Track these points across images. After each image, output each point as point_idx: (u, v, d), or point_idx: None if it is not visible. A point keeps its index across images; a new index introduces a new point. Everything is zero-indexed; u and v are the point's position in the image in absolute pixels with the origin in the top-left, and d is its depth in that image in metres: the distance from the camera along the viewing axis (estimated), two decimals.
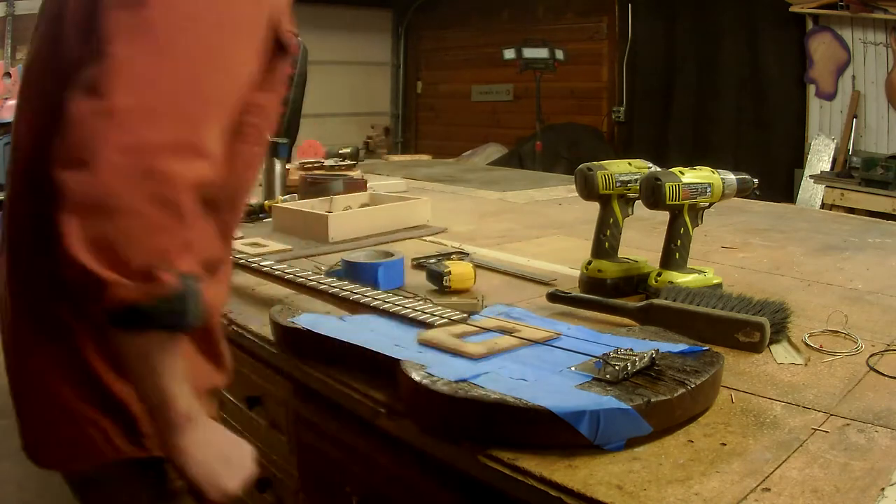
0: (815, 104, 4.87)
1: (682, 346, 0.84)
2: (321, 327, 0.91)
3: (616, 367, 0.75)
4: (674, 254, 1.15)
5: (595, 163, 1.19)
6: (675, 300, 1.02)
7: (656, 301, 1.02)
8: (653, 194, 1.11)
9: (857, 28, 4.53)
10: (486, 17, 6.91)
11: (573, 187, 1.25)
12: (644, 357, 0.78)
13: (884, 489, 0.63)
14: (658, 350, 0.80)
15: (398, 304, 0.97)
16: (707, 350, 0.83)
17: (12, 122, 0.84)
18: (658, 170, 1.15)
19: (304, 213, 1.70)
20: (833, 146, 4.72)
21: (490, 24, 6.88)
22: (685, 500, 0.61)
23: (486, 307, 1.01)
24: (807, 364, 0.91)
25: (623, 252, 1.23)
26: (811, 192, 4.60)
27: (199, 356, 0.83)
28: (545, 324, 0.93)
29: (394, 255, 1.26)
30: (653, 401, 0.71)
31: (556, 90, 6.02)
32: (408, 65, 7.85)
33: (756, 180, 1.19)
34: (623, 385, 0.73)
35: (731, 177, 1.16)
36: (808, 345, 0.97)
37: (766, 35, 5.06)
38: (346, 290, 1.03)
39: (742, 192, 1.18)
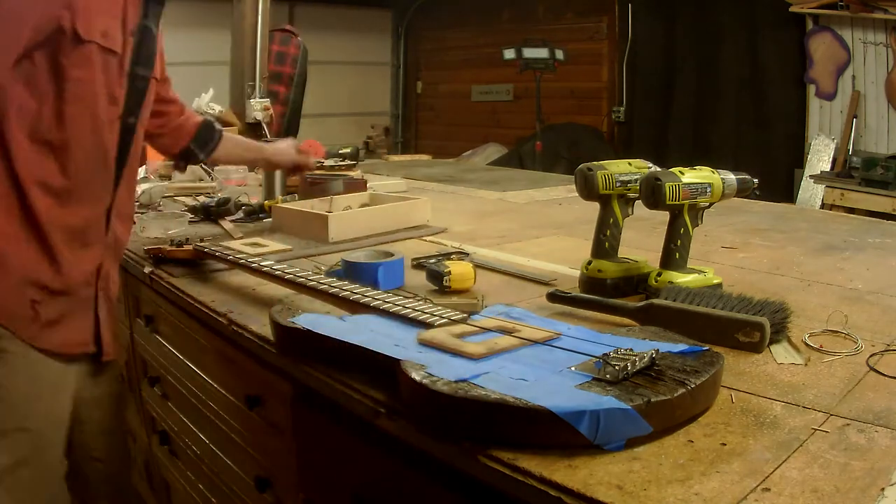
0: (815, 104, 4.88)
1: (682, 346, 0.84)
2: (321, 327, 0.91)
3: (616, 367, 0.75)
4: (674, 254, 1.15)
5: (595, 163, 1.19)
6: (675, 300, 1.02)
7: (656, 301, 1.02)
8: (653, 194, 1.11)
9: (857, 28, 4.54)
10: (486, 17, 6.91)
11: (573, 187, 1.25)
12: (644, 357, 0.78)
13: (884, 489, 0.63)
14: (658, 350, 0.80)
15: (398, 304, 0.97)
16: (707, 350, 0.83)
17: None
18: (658, 170, 1.15)
19: (304, 213, 1.70)
20: (833, 146, 4.72)
21: (490, 24, 6.89)
22: (685, 500, 0.61)
23: (486, 307, 1.01)
24: (807, 364, 0.91)
25: (623, 252, 1.23)
26: (811, 192, 4.60)
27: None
28: (545, 324, 0.93)
29: (394, 255, 1.26)
30: (653, 401, 0.70)
31: (556, 90, 6.03)
32: (408, 65, 7.85)
33: (756, 180, 1.18)
34: (623, 385, 0.73)
35: (731, 177, 1.16)
36: (808, 345, 0.97)
37: (766, 35, 5.06)
38: (346, 290, 1.03)
39: (742, 192, 1.18)
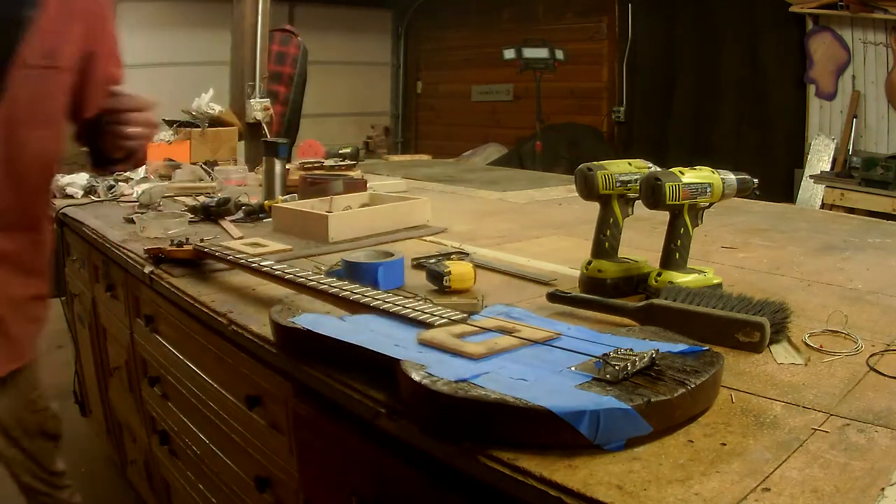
0: (815, 104, 4.88)
1: (682, 346, 0.84)
2: (321, 327, 0.91)
3: (616, 367, 0.75)
4: (674, 254, 1.15)
5: (595, 163, 1.19)
6: (675, 300, 1.02)
7: (656, 301, 1.02)
8: (653, 194, 1.11)
9: (857, 28, 4.54)
10: (486, 17, 6.91)
11: (573, 187, 1.25)
12: (644, 357, 0.78)
13: (884, 489, 0.63)
14: (658, 350, 0.80)
15: (398, 304, 0.97)
16: (707, 350, 0.83)
17: None
18: (658, 170, 1.15)
19: (304, 213, 1.70)
20: (833, 146, 4.72)
21: (490, 24, 6.89)
22: (685, 500, 0.61)
23: (486, 307, 1.01)
24: (807, 364, 0.91)
25: (623, 252, 1.23)
26: (811, 192, 4.60)
27: None
28: (545, 324, 0.93)
29: (394, 255, 1.26)
30: (653, 401, 0.70)
31: (556, 90, 6.03)
32: (408, 65, 7.85)
33: (756, 180, 1.18)
34: (623, 385, 0.73)
35: (731, 177, 1.16)
36: (808, 345, 0.97)
37: (766, 35, 5.06)
38: (346, 290, 1.03)
39: (742, 192, 1.18)
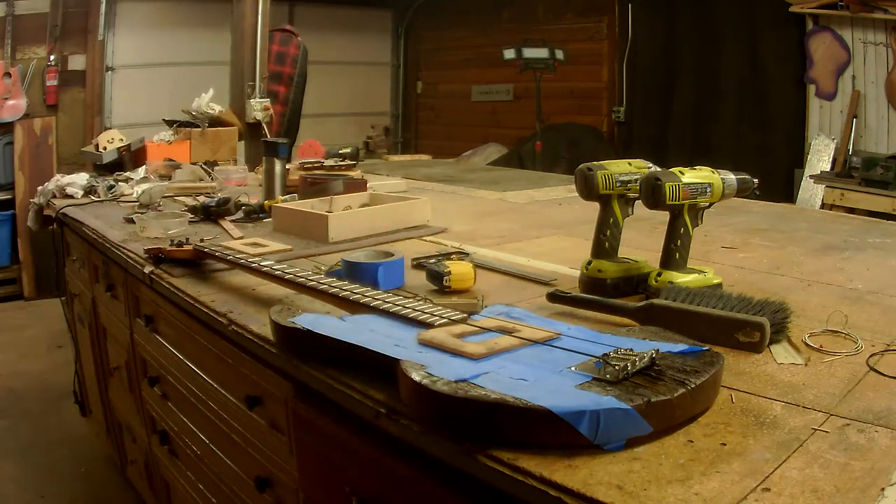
0: (815, 104, 4.87)
1: (682, 346, 0.84)
2: (321, 327, 0.91)
3: (616, 367, 0.75)
4: (674, 254, 1.15)
5: (595, 163, 1.19)
6: (675, 300, 1.02)
7: (656, 301, 1.02)
8: (653, 194, 1.11)
9: (857, 28, 4.53)
10: (486, 17, 6.90)
11: (573, 187, 1.25)
12: (644, 357, 0.78)
13: (884, 489, 0.63)
14: (658, 350, 0.80)
15: (398, 304, 0.97)
16: (707, 350, 0.83)
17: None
18: (658, 170, 1.15)
19: (304, 213, 1.70)
20: (833, 146, 4.71)
21: (490, 24, 6.88)
22: (685, 500, 0.61)
23: (486, 307, 1.01)
24: (807, 364, 0.91)
25: (623, 252, 1.23)
26: (811, 192, 4.60)
27: None
28: (545, 324, 0.93)
29: (394, 255, 1.26)
30: (653, 401, 0.70)
31: (556, 90, 6.02)
32: (408, 65, 7.84)
33: (756, 180, 1.19)
34: (623, 385, 0.73)
35: (731, 177, 1.16)
36: (808, 345, 0.97)
37: (766, 35, 5.05)
38: (346, 290, 1.03)
39: (742, 192, 1.18)
